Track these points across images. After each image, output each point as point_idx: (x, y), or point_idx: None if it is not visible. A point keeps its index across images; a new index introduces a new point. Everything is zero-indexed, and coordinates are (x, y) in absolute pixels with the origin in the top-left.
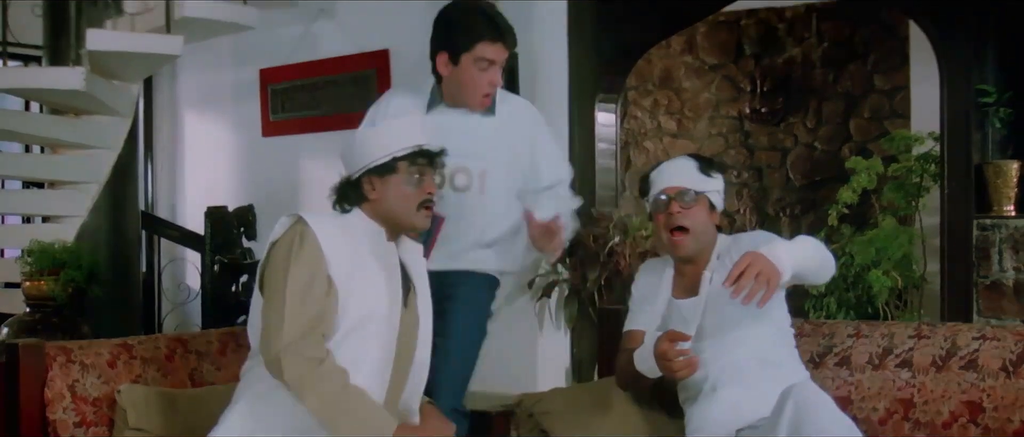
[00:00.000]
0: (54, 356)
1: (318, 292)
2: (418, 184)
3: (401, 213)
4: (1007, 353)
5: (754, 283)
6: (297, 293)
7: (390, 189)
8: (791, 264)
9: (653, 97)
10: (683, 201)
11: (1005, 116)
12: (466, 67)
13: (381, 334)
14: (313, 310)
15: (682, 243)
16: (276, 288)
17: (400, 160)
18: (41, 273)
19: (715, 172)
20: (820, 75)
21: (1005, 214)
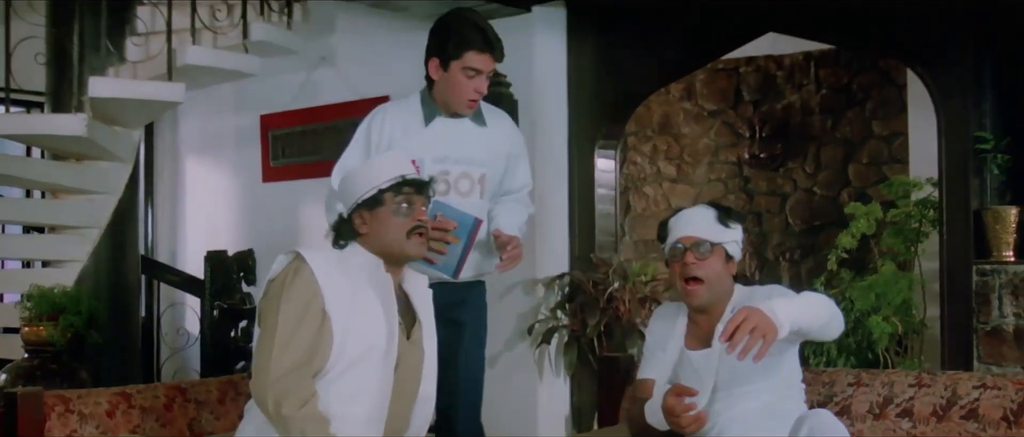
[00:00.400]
0: (53, 405)
1: (310, 327)
2: (407, 213)
3: (392, 243)
4: (1008, 403)
5: (749, 338)
6: (288, 328)
7: (379, 221)
8: (789, 319)
9: (652, 143)
10: (698, 252)
11: (1003, 162)
12: (454, 73)
13: (380, 367)
14: (304, 345)
15: (696, 293)
16: (269, 323)
17: (386, 192)
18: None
19: (733, 222)
20: (819, 121)
21: (1004, 260)
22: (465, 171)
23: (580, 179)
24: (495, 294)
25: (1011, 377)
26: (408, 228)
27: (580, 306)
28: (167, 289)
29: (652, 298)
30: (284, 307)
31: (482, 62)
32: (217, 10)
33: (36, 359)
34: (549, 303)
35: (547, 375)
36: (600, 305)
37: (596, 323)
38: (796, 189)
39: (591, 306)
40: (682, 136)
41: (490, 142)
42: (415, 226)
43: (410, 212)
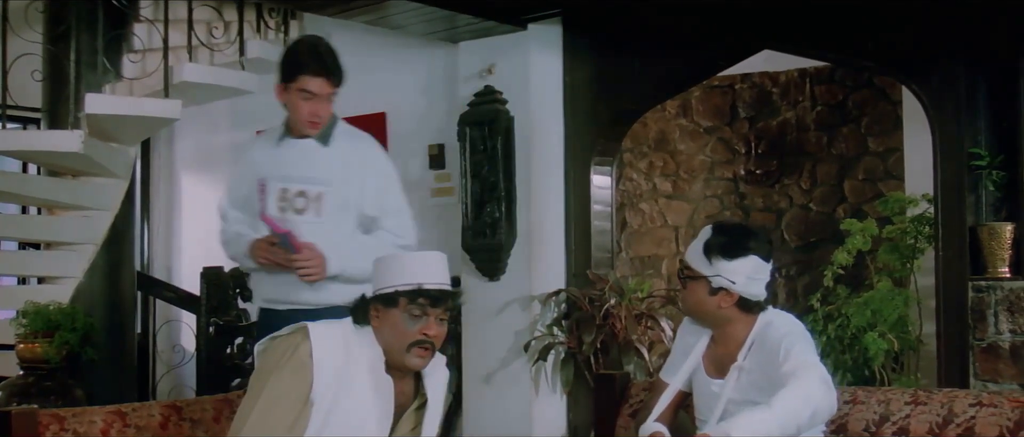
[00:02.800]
0: (47, 424)
1: (289, 412)
2: (416, 324)
3: (392, 348)
4: (1004, 420)
5: None
6: (267, 408)
7: (388, 322)
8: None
9: (648, 159)
10: (682, 276)
11: (998, 179)
12: (292, 95)
13: None
14: (278, 428)
15: (681, 306)
16: (254, 391)
17: (402, 295)
18: (35, 335)
19: (723, 258)
20: (814, 138)
21: (1000, 276)
22: (302, 189)
23: (576, 195)
24: (491, 311)
25: (1007, 395)
26: (412, 340)
27: (576, 323)
28: (163, 306)
29: (648, 315)
30: (272, 383)
31: (316, 85)
32: (214, 27)
33: (31, 376)
34: (545, 320)
35: (543, 392)
36: (596, 322)
37: (592, 340)
38: (792, 205)
39: (587, 323)
40: (678, 152)
41: (334, 163)
42: (419, 340)
43: (419, 324)
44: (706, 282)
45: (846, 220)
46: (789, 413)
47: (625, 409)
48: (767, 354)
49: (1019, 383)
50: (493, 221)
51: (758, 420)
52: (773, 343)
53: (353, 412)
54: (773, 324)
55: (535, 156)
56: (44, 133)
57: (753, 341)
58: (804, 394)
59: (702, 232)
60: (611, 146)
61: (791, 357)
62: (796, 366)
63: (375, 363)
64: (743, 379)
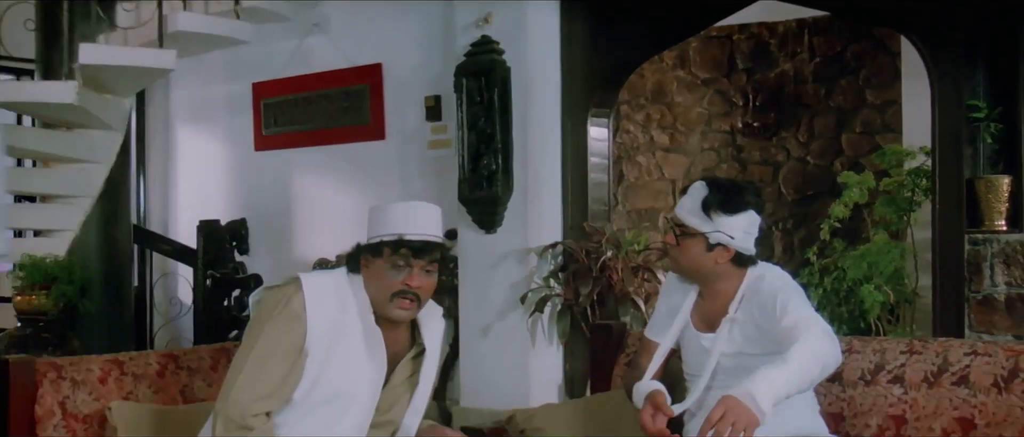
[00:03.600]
0: (44, 372)
1: (283, 362)
2: (398, 274)
3: (376, 298)
4: (998, 369)
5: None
6: (261, 358)
7: (373, 272)
8: (772, 402)
9: (646, 111)
10: (676, 233)
11: (996, 131)
12: None
13: (355, 413)
14: (272, 378)
15: (671, 262)
16: (247, 344)
17: (385, 245)
18: (32, 287)
19: (721, 213)
20: (812, 90)
21: (996, 229)
22: None
23: (573, 148)
24: (488, 263)
25: (1002, 344)
26: (394, 290)
27: (573, 275)
28: (159, 259)
29: (645, 267)
30: (266, 333)
31: None
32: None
33: (28, 328)
34: (542, 272)
35: (540, 343)
36: (593, 274)
37: (589, 292)
38: (789, 158)
39: (584, 275)
40: (675, 105)
41: None
42: (401, 291)
43: (402, 274)
44: (703, 239)
45: (843, 173)
46: (803, 369)
47: (622, 358)
48: (760, 307)
49: (1014, 335)
50: (490, 173)
51: (775, 377)
52: (766, 297)
53: (348, 360)
54: (764, 277)
55: (532, 107)
56: (38, 84)
57: (744, 295)
58: (813, 349)
59: (693, 188)
60: (608, 97)
61: (789, 312)
62: (797, 321)
63: (364, 312)
64: (735, 332)
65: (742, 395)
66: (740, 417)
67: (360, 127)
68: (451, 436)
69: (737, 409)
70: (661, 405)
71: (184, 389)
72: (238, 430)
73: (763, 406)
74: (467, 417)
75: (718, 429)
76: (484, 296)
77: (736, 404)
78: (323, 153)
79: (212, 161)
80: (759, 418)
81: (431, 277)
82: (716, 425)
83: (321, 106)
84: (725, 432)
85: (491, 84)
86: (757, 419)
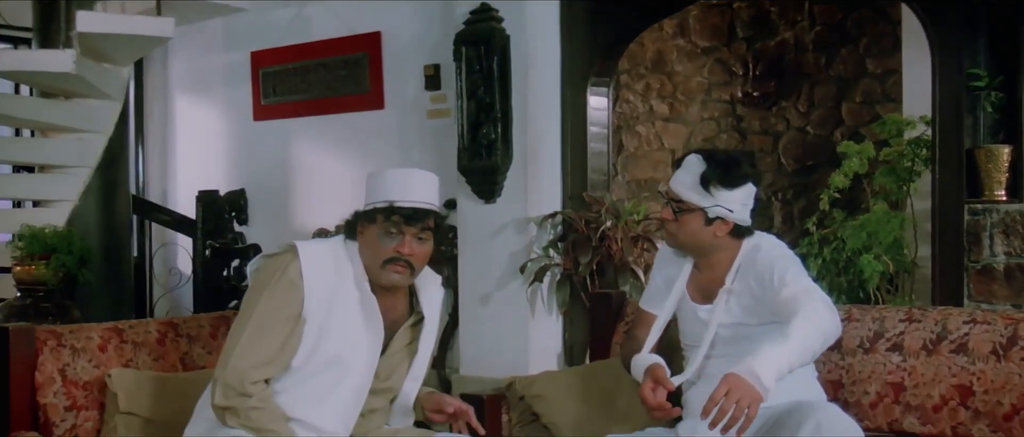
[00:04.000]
0: (44, 340)
1: (281, 329)
2: (391, 241)
3: (370, 264)
4: (997, 337)
5: (735, 409)
6: (259, 326)
7: (367, 238)
8: (775, 377)
9: (645, 81)
10: (673, 210)
11: (996, 100)
12: None
13: (353, 379)
14: (271, 346)
15: (668, 238)
16: (245, 313)
17: (378, 212)
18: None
19: (720, 188)
20: (812, 59)
21: (996, 199)
22: None
23: (572, 117)
24: (487, 233)
25: (1001, 312)
26: (386, 257)
27: (572, 245)
28: (159, 229)
29: (644, 237)
30: (264, 301)
31: None
32: None
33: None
34: (541, 242)
35: (539, 313)
36: (592, 244)
37: (588, 261)
38: (789, 128)
39: (583, 245)
40: (675, 74)
41: None
42: (392, 257)
43: (394, 241)
44: (702, 213)
45: (843, 143)
46: (804, 343)
47: (621, 327)
48: (757, 278)
49: (1013, 304)
50: (489, 142)
51: (777, 353)
52: (763, 267)
53: (345, 327)
54: (760, 247)
55: (531, 76)
56: (35, 53)
57: (740, 265)
58: (814, 322)
59: (689, 162)
60: (608, 66)
61: (787, 283)
62: (796, 292)
63: (360, 279)
64: (732, 303)
65: (745, 372)
66: (744, 394)
67: (359, 96)
68: (450, 402)
69: (740, 386)
70: (661, 379)
71: (184, 356)
72: (237, 397)
73: (766, 382)
74: (466, 386)
75: (723, 407)
76: (484, 266)
77: (739, 381)
78: (322, 123)
79: (211, 131)
80: (762, 394)
81: (424, 245)
82: (720, 403)
83: (320, 75)
84: (729, 409)
85: (491, 53)
86: (760, 396)
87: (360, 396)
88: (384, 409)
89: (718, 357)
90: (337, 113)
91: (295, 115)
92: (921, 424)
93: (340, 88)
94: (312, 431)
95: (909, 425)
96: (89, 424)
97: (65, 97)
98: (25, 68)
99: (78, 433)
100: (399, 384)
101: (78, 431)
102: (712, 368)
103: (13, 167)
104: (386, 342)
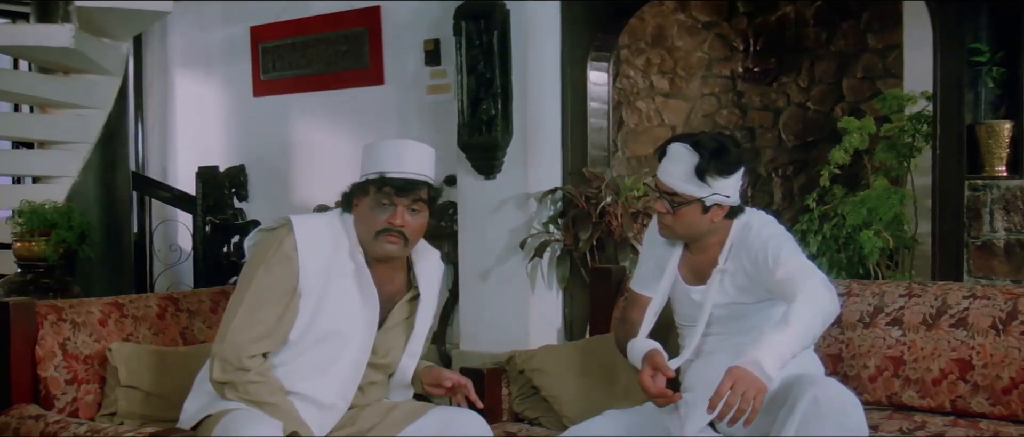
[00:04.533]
0: (45, 314)
1: (277, 303)
2: (383, 212)
3: (363, 235)
4: (997, 311)
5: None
6: (255, 300)
7: (360, 210)
8: (778, 366)
9: (646, 56)
10: (669, 203)
11: (998, 75)
12: None
13: (351, 352)
14: (267, 320)
15: (665, 230)
16: (242, 287)
17: (371, 183)
18: (32, 234)
19: (717, 177)
20: (813, 34)
21: (997, 175)
22: None
23: (573, 92)
24: (487, 209)
25: (1000, 287)
26: (378, 228)
27: (572, 220)
28: (159, 205)
29: (644, 213)
30: (260, 275)
31: None
32: None
33: (29, 274)
34: (541, 217)
35: (539, 288)
36: (592, 220)
37: (588, 237)
38: (789, 103)
39: (583, 220)
40: (675, 49)
41: None
42: (384, 229)
43: (386, 213)
44: (700, 203)
45: (844, 118)
46: (806, 327)
47: (620, 302)
48: (750, 257)
49: (1013, 280)
50: (489, 118)
51: (779, 341)
52: (756, 246)
53: (341, 299)
54: (751, 226)
55: (531, 51)
56: (34, 27)
57: (732, 244)
58: (814, 304)
59: (677, 154)
60: (608, 40)
61: (782, 263)
62: (792, 273)
63: (355, 251)
64: (726, 283)
65: (749, 364)
66: (749, 386)
67: (359, 71)
68: (448, 376)
69: (745, 379)
70: (661, 365)
71: (184, 331)
72: (235, 371)
73: (770, 372)
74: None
75: (729, 400)
76: (484, 241)
77: (743, 374)
78: (322, 98)
79: (210, 106)
80: (766, 384)
81: (418, 216)
82: (726, 396)
83: (320, 50)
84: (735, 403)
85: (491, 27)
86: (765, 386)
87: (358, 369)
88: (383, 383)
89: (715, 335)
90: (337, 88)
91: (295, 91)
92: (920, 397)
93: (340, 63)
94: (311, 404)
95: (908, 399)
96: (90, 397)
97: (64, 72)
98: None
99: (79, 406)
100: (397, 359)
101: (79, 404)
102: (710, 346)
103: (12, 143)
104: (384, 316)
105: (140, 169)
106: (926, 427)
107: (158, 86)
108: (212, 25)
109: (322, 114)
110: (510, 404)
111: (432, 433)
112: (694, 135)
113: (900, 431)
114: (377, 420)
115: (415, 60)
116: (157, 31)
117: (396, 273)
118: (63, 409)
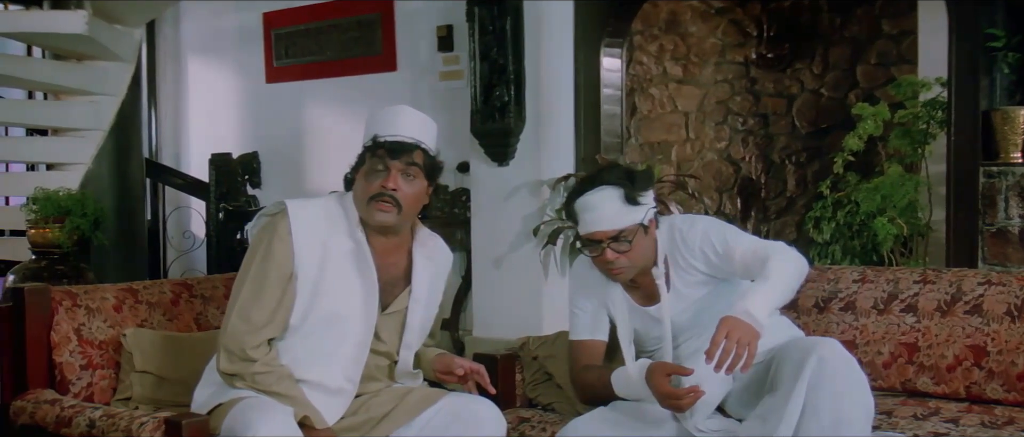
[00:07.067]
0: (60, 300)
1: (275, 289)
2: (376, 177)
3: (358, 205)
4: (1012, 298)
5: (736, 350)
6: (255, 287)
7: (357, 180)
8: (767, 313)
9: (659, 42)
10: (619, 246)
11: (1013, 61)
12: None
13: (354, 335)
14: (267, 307)
15: (622, 275)
16: (242, 275)
17: (367, 151)
18: (46, 221)
19: (643, 193)
20: (827, 20)
21: (1012, 161)
22: None
23: (586, 79)
24: (500, 195)
25: (1015, 274)
26: (372, 194)
27: None
28: (172, 192)
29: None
30: (257, 263)
31: None
32: None
33: (43, 260)
34: (554, 204)
35: (552, 275)
36: None
37: None
38: (803, 90)
39: None
40: (689, 35)
41: None
42: (378, 193)
43: (380, 178)
44: (641, 228)
45: (858, 105)
46: (784, 278)
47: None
48: (692, 253)
49: None
50: (502, 105)
51: (763, 290)
52: (696, 244)
53: (340, 281)
54: (674, 226)
55: (544, 37)
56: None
57: (665, 252)
58: (787, 258)
59: (600, 200)
60: (621, 26)
61: (733, 246)
62: (750, 247)
63: (354, 229)
64: (677, 286)
65: (740, 313)
66: (743, 333)
67: (372, 58)
68: (460, 364)
69: (738, 326)
70: (673, 369)
71: (198, 317)
72: (241, 363)
73: (760, 318)
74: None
75: (726, 348)
76: (496, 228)
77: (736, 322)
78: (334, 85)
79: (223, 93)
80: (759, 330)
81: (412, 183)
82: (722, 345)
83: (332, 37)
84: (732, 349)
85: (504, 13)
86: (758, 332)
87: (362, 351)
88: (389, 368)
89: (688, 340)
90: (350, 75)
91: (308, 77)
92: (934, 384)
93: (353, 49)
94: (319, 390)
95: (923, 385)
96: (105, 382)
97: (77, 59)
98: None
99: (93, 391)
100: (396, 348)
101: (94, 389)
102: (687, 352)
103: (27, 130)
104: (387, 301)
105: (153, 156)
106: (940, 413)
107: (171, 73)
108: (225, 12)
109: (335, 101)
110: (523, 390)
111: (446, 419)
112: (592, 178)
113: (914, 417)
114: (391, 406)
115: (428, 46)
116: (170, 18)
117: (398, 255)
118: (78, 394)
